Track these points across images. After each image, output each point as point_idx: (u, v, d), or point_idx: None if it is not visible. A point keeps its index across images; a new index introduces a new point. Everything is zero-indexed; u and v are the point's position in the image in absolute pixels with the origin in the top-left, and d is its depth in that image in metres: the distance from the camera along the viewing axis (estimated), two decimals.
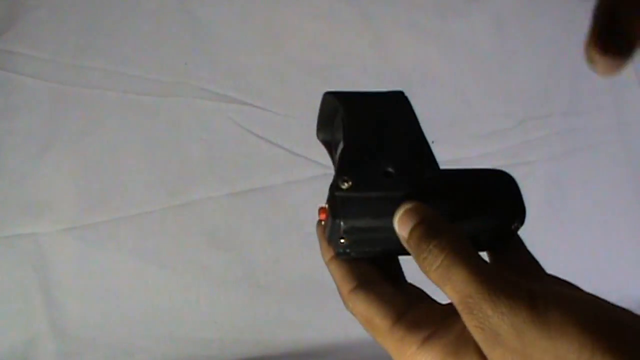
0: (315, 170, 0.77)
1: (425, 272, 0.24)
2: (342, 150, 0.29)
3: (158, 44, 0.79)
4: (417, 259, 0.24)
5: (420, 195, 0.27)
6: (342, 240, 0.27)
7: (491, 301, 0.21)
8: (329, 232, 0.28)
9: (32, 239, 0.69)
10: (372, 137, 0.29)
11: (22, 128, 0.73)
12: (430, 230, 0.24)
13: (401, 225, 0.26)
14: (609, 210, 0.89)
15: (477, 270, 0.22)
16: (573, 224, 0.88)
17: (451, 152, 0.83)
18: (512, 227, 0.29)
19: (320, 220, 0.30)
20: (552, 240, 0.86)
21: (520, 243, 0.31)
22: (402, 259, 0.30)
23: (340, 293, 0.29)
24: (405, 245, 0.26)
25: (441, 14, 0.89)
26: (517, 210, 0.29)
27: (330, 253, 0.30)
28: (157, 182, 0.74)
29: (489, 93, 0.89)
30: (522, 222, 0.29)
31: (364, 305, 0.27)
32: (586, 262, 0.87)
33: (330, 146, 0.37)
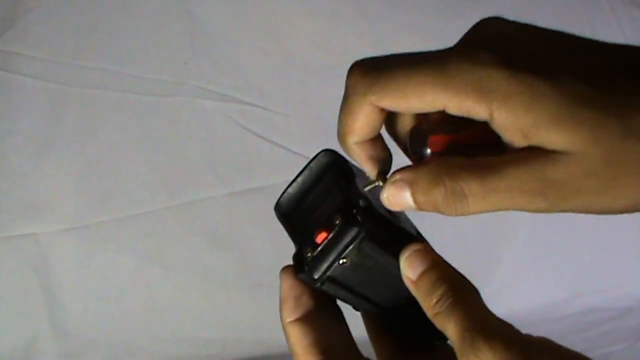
0: None
1: (431, 316, 0.24)
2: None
3: (158, 43, 0.79)
4: (426, 302, 0.25)
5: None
6: (342, 261, 0.26)
7: (488, 343, 0.21)
8: (329, 250, 0.27)
9: (32, 239, 0.69)
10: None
11: (23, 128, 0.73)
12: (442, 276, 0.25)
13: (410, 263, 0.26)
14: None
15: (477, 314, 0.23)
16: (573, 222, 0.88)
17: None
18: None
19: (287, 267, 0.29)
20: (552, 239, 0.86)
21: None
22: None
23: None
24: (409, 286, 0.26)
25: (441, 14, 0.89)
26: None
27: (292, 315, 0.28)
28: (157, 182, 0.74)
29: None
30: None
31: None
32: (587, 259, 0.87)
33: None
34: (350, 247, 0.26)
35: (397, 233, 0.27)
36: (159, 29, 0.79)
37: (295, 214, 0.30)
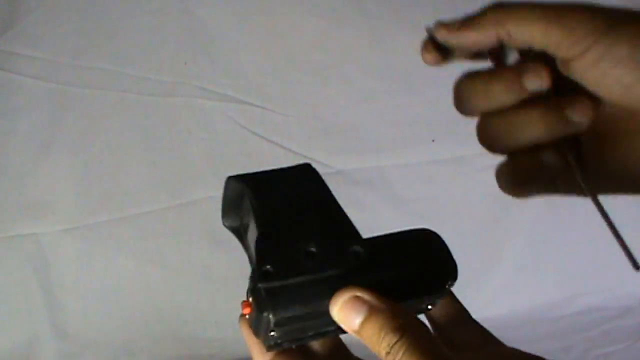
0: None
1: (382, 356, 0.23)
2: (257, 237, 0.27)
3: (158, 44, 0.79)
4: (376, 351, 0.23)
5: (351, 275, 0.25)
6: (272, 334, 0.26)
7: None
8: (256, 327, 0.26)
9: (32, 239, 0.69)
10: (285, 217, 0.28)
11: (22, 128, 0.73)
12: (386, 323, 0.23)
13: (345, 316, 0.24)
14: (610, 207, 0.89)
15: (432, 355, 0.22)
16: (573, 222, 0.88)
17: (451, 151, 0.83)
18: (447, 286, 0.28)
19: (243, 315, 0.28)
20: (552, 238, 0.86)
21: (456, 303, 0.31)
22: None
23: None
24: (353, 335, 0.24)
25: (441, 13, 0.89)
26: (449, 271, 0.28)
27: (263, 355, 0.28)
28: (157, 182, 0.74)
29: None
30: (455, 279, 0.28)
31: None
32: (587, 259, 0.87)
33: (239, 232, 0.36)
34: (271, 327, 0.25)
35: (314, 283, 0.25)
36: (159, 29, 0.79)
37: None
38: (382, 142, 0.80)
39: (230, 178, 0.32)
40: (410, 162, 0.79)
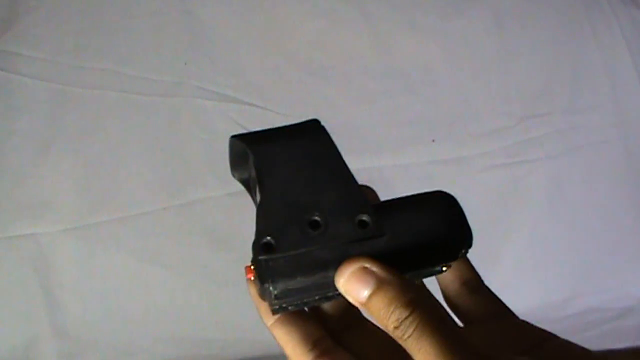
0: None
1: (395, 338, 0.22)
2: (258, 206, 0.26)
3: (158, 43, 0.79)
4: (384, 326, 0.23)
5: (358, 245, 0.24)
6: (276, 301, 0.25)
7: None
8: (261, 293, 0.26)
9: (32, 239, 0.69)
10: (289, 183, 0.26)
11: (22, 129, 0.73)
12: (396, 296, 0.22)
13: (351, 289, 0.23)
14: (610, 208, 0.89)
15: (447, 344, 0.21)
16: (573, 222, 0.88)
17: (451, 151, 0.83)
18: (460, 253, 0.26)
19: (250, 279, 0.27)
20: (552, 238, 0.86)
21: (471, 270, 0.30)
22: None
23: None
24: (360, 308, 0.23)
25: (441, 13, 0.89)
26: (464, 237, 0.26)
27: (271, 318, 0.27)
28: (157, 182, 0.74)
29: (489, 91, 0.89)
30: (470, 246, 0.26)
31: None
32: (587, 259, 0.86)
33: (248, 185, 0.33)
34: (272, 297, 0.24)
35: (317, 254, 0.25)
36: (159, 29, 0.79)
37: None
38: (382, 142, 0.80)
39: (233, 138, 0.30)
40: (410, 162, 0.79)
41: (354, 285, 0.23)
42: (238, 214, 0.74)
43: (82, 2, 0.78)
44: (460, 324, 0.29)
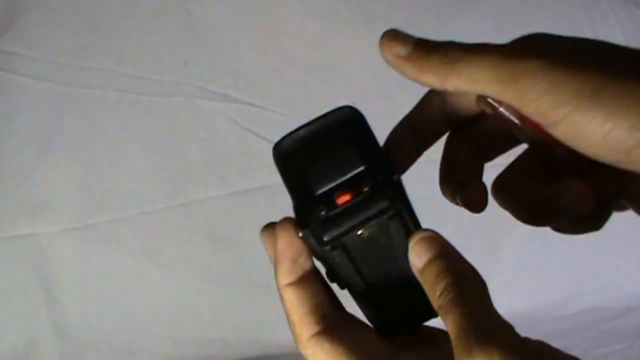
0: None
1: (435, 303, 0.24)
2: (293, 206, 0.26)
3: (158, 43, 0.79)
4: (431, 293, 0.24)
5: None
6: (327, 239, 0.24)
7: (483, 348, 0.20)
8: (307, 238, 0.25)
9: (32, 239, 0.69)
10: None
11: (22, 129, 0.73)
12: (447, 266, 0.24)
13: (416, 254, 0.25)
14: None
15: (477, 313, 0.22)
16: None
17: None
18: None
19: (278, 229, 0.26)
20: (552, 238, 0.86)
21: None
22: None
23: (294, 332, 0.25)
24: (415, 273, 0.25)
25: (441, 13, 0.89)
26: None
27: (289, 277, 0.26)
28: (157, 182, 0.74)
29: None
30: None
31: (329, 358, 0.24)
32: (587, 259, 0.86)
33: None
34: (376, 220, 0.24)
35: (415, 218, 0.26)
36: (159, 29, 0.79)
37: (297, 161, 0.27)
38: (381, 142, 0.80)
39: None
40: None
41: (418, 250, 0.25)
42: (238, 214, 0.74)
43: (82, 1, 0.78)
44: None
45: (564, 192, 0.26)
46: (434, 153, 0.29)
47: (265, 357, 0.72)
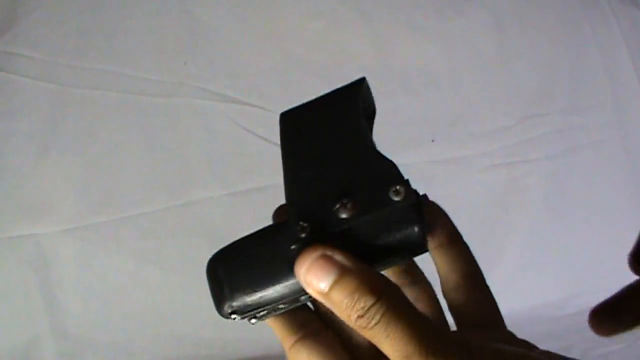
0: None
1: (357, 329, 0.21)
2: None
3: (158, 44, 0.79)
4: (346, 316, 0.22)
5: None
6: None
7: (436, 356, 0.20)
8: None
9: (33, 239, 0.69)
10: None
11: (23, 129, 0.73)
12: (361, 284, 0.21)
13: (313, 277, 0.22)
14: (609, 207, 0.89)
15: (417, 328, 0.21)
16: (573, 222, 0.88)
17: (451, 151, 0.83)
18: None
19: None
20: (552, 237, 0.86)
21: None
22: None
23: (282, 345, 0.26)
24: (320, 299, 0.22)
25: (441, 13, 0.89)
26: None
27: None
28: (157, 182, 0.74)
29: (489, 92, 0.89)
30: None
31: None
32: (586, 259, 0.87)
33: None
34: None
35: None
36: (159, 29, 0.79)
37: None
38: (381, 142, 0.80)
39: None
40: (410, 162, 0.79)
41: (316, 274, 0.22)
42: (238, 214, 0.74)
43: (82, 2, 0.78)
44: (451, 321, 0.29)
45: None
46: (435, 153, 0.29)
47: (265, 357, 0.72)
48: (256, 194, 0.75)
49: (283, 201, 0.27)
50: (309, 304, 0.27)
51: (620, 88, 0.94)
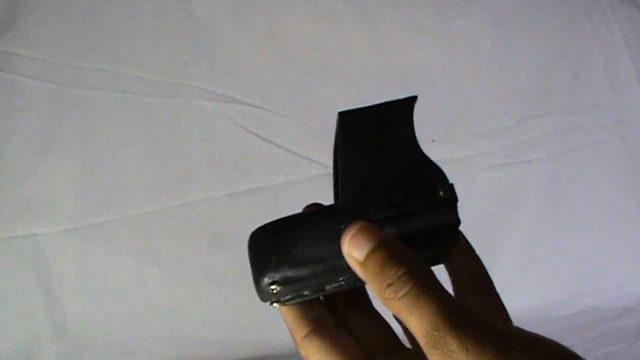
0: (315, 170, 0.77)
1: (385, 300, 0.22)
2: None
3: (158, 44, 0.79)
4: (377, 285, 0.22)
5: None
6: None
7: (458, 336, 0.20)
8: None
9: (32, 239, 0.69)
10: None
11: (23, 129, 0.73)
12: (395, 255, 0.22)
13: (354, 245, 0.23)
14: (609, 208, 0.89)
15: (446, 303, 0.21)
16: (573, 222, 0.88)
17: (451, 151, 0.83)
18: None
19: None
20: (552, 238, 0.86)
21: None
22: None
23: (292, 337, 0.27)
24: (356, 269, 0.24)
25: (441, 13, 0.89)
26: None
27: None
28: (157, 182, 0.74)
29: (489, 92, 0.89)
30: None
31: (319, 355, 0.25)
32: (587, 259, 0.87)
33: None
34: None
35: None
36: (159, 29, 0.79)
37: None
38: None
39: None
40: None
41: (357, 241, 0.23)
42: (238, 214, 0.74)
43: (82, 2, 0.78)
44: None
45: None
46: (435, 153, 0.29)
47: (265, 357, 0.72)
48: (256, 194, 0.75)
49: (283, 201, 0.27)
50: (321, 298, 0.28)
51: (620, 88, 0.94)
